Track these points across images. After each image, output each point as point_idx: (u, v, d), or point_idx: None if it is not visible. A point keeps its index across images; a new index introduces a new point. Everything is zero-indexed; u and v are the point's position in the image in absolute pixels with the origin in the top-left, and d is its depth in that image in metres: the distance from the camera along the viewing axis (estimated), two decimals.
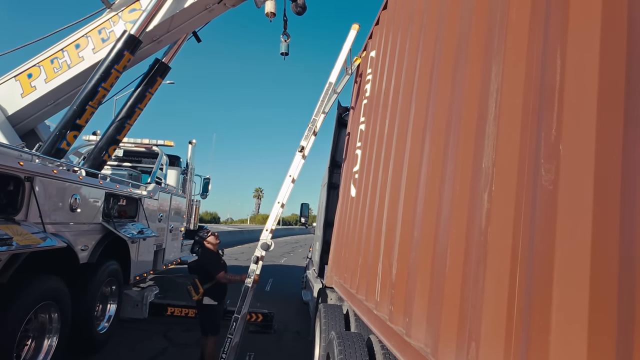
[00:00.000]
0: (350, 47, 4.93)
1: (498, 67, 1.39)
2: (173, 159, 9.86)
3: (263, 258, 4.77)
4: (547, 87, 1.10)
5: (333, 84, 4.92)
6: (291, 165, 4.87)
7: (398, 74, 2.98)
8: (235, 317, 4.48)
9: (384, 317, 2.49)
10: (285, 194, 4.84)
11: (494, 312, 1.36)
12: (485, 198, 1.40)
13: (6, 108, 5.53)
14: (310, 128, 4.86)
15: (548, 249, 1.08)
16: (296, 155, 4.86)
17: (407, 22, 2.93)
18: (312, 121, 4.88)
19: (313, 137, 5.10)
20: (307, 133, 4.87)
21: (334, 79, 4.92)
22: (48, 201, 4.22)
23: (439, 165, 1.91)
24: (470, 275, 1.53)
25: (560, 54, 1.05)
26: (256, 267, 4.65)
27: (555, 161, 1.05)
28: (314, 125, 4.87)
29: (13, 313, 3.73)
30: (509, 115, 1.31)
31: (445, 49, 2.00)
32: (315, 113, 4.92)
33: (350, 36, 4.96)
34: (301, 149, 4.83)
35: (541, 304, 1.10)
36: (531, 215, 1.18)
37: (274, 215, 4.87)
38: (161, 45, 6.27)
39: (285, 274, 13.70)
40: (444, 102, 1.93)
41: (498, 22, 1.43)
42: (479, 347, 1.43)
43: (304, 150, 4.87)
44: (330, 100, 5.21)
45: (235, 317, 4.48)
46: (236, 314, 4.49)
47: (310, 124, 4.89)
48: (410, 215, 2.23)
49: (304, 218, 9.71)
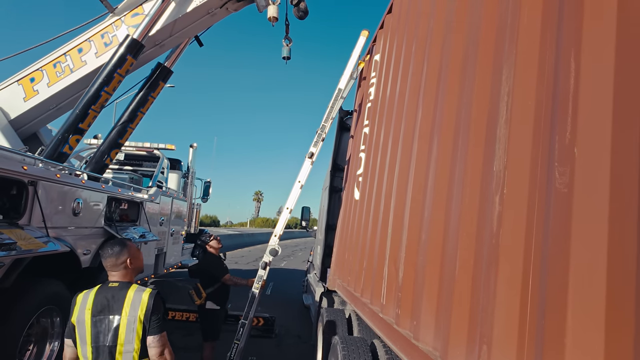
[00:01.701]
0: (360, 53, 4.89)
1: (509, 71, 1.40)
2: (174, 162, 9.86)
3: (270, 263, 4.76)
4: (561, 90, 1.11)
5: (343, 90, 4.86)
6: (300, 172, 4.81)
7: (404, 77, 3.00)
8: (242, 322, 4.46)
9: (390, 321, 2.49)
10: (294, 200, 4.81)
11: (506, 314, 1.36)
12: (496, 201, 1.40)
13: (8, 112, 5.52)
14: (319, 134, 4.82)
15: (563, 252, 1.08)
16: (305, 161, 4.80)
17: (413, 25, 2.95)
18: (322, 127, 4.84)
19: (321, 143, 5.08)
20: (317, 139, 4.82)
21: (344, 85, 4.84)
22: (51, 205, 4.21)
23: (447, 168, 1.91)
24: (481, 278, 1.53)
25: (575, 57, 1.06)
26: (264, 273, 4.63)
27: (570, 164, 1.06)
28: (323, 132, 4.84)
29: (16, 318, 3.72)
30: (521, 119, 1.32)
31: (453, 52, 2.01)
32: (324, 119, 4.86)
33: (360, 42, 4.89)
34: (311, 155, 4.79)
35: (556, 307, 1.11)
36: (545, 217, 1.18)
37: (282, 221, 4.86)
38: (164, 49, 6.29)
39: (286, 278, 13.67)
40: (452, 105, 1.94)
41: (509, 26, 1.45)
42: (490, 349, 1.43)
43: (314, 156, 4.85)
44: (336, 105, 5.21)
45: (242, 322, 4.46)
46: (243, 320, 4.47)
47: (319, 130, 4.85)
48: (417, 218, 2.23)
49: (305, 221, 9.71)
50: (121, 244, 2.34)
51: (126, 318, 2.13)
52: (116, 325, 2.13)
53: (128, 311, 2.14)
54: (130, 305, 2.16)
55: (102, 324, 2.13)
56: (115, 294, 2.19)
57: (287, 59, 6.44)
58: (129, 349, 2.12)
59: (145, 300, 2.17)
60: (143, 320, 2.14)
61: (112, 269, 2.28)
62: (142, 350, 2.14)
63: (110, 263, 2.28)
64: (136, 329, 2.13)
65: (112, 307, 2.15)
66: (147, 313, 2.15)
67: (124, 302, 2.16)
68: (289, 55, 6.43)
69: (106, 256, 2.29)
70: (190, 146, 10.49)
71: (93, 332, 2.13)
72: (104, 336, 2.12)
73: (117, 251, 2.28)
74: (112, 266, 2.28)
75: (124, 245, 2.33)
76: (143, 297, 2.19)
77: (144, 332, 2.15)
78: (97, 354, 2.12)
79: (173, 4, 5.64)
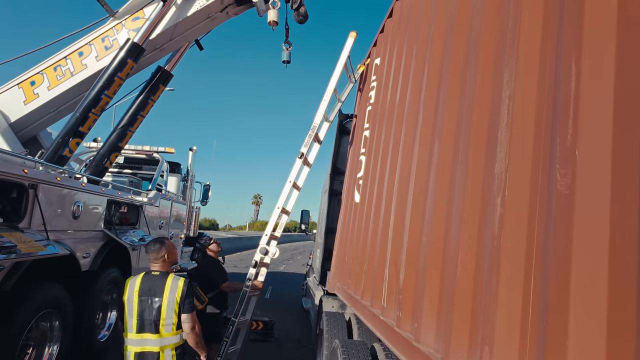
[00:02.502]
0: (348, 54, 4.94)
1: (510, 74, 1.42)
2: (173, 165, 9.87)
3: (268, 265, 4.74)
4: (562, 92, 1.12)
5: (332, 90, 4.92)
6: (291, 171, 4.84)
7: (405, 80, 3.02)
8: (232, 320, 4.43)
9: (391, 323, 2.49)
10: (286, 199, 4.79)
11: (508, 316, 1.37)
12: (498, 203, 1.41)
13: (9, 115, 5.53)
14: (310, 135, 4.84)
15: (565, 253, 1.09)
16: (296, 162, 4.84)
17: (413, 29, 2.98)
18: (312, 127, 4.87)
19: (317, 145, 5.07)
20: (307, 140, 4.84)
21: (333, 86, 4.90)
22: (51, 208, 4.21)
23: (448, 171, 1.92)
24: (482, 280, 1.54)
25: (575, 60, 1.07)
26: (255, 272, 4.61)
27: (572, 166, 1.07)
28: (314, 132, 4.85)
29: (15, 321, 3.70)
30: (522, 122, 1.33)
31: (454, 55, 2.03)
32: (315, 119, 4.90)
33: (348, 44, 4.97)
34: (301, 155, 4.80)
35: (558, 309, 1.11)
36: (546, 219, 1.19)
37: (273, 220, 4.83)
38: (164, 53, 6.31)
39: (285, 281, 13.64)
40: (453, 108, 1.95)
41: (510, 29, 1.46)
42: (492, 350, 1.43)
43: (305, 156, 4.84)
44: (334, 109, 5.23)
45: (232, 320, 4.43)
46: (233, 318, 4.45)
47: (310, 131, 4.88)
48: (418, 220, 2.24)
49: (304, 225, 9.70)
50: (161, 242, 3.02)
51: (166, 300, 2.80)
52: (158, 305, 2.80)
53: (167, 295, 2.81)
54: (169, 290, 2.82)
55: (146, 303, 2.81)
56: (157, 280, 2.87)
57: (287, 62, 6.47)
58: (169, 322, 2.81)
59: (180, 287, 2.85)
60: (179, 302, 2.82)
61: (154, 261, 2.96)
62: (178, 324, 2.84)
63: (152, 257, 2.97)
64: (174, 309, 2.81)
65: (155, 291, 2.82)
66: (182, 297, 2.83)
67: (164, 288, 2.83)
68: (289, 59, 6.46)
69: (149, 251, 2.98)
70: (189, 149, 10.51)
71: (139, 309, 2.81)
72: (149, 312, 2.80)
73: (158, 248, 2.96)
74: (154, 259, 2.96)
75: (162, 243, 3.01)
76: (179, 284, 2.86)
77: (179, 310, 2.82)
78: (141, 325, 2.80)
79: (174, 8, 5.67)
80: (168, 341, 2.83)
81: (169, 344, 2.83)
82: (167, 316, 2.80)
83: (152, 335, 2.80)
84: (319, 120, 4.87)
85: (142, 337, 2.81)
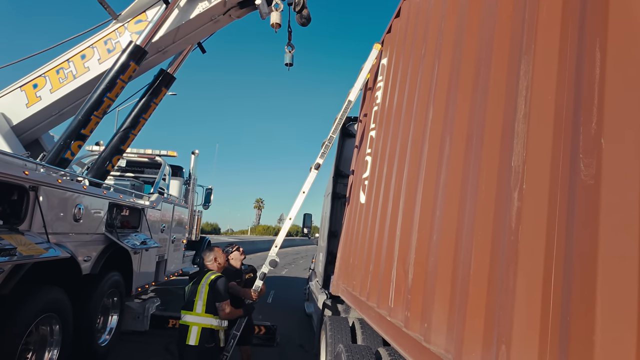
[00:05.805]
0: (371, 66, 4.75)
1: (528, 65, 1.39)
2: (176, 169, 9.84)
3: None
4: (585, 80, 1.09)
5: (353, 102, 4.77)
6: (305, 182, 4.72)
7: (413, 78, 2.99)
8: (233, 333, 4.37)
9: (399, 324, 2.44)
10: (297, 210, 4.75)
11: (527, 313, 1.32)
12: (515, 197, 1.37)
13: (11, 118, 5.51)
14: (326, 145, 4.74)
15: (591, 246, 1.05)
16: (311, 172, 4.71)
17: (422, 28, 2.95)
18: (330, 138, 4.79)
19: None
20: (324, 150, 4.73)
21: (354, 97, 4.75)
22: (52, 211, 4.17)
23: (460, 166, 1.89)
24: (498, 276, 1.49)
25: (600, 46, 1.04)
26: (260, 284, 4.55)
27: (597, 155, 1.03)
28: (330, 142, 4.79)
29: (15, 325, 3.65)
30: (541, 112, 1.29)
31: (466, 50, 2.00)
32: (332, 130, 4.79)
33: (372, 55, 4.72)
34: (317, 166, 4.69)
35: (584, 304, 1.07)
36: (568, 211, 1.15)
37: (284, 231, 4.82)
38: (166, 55, 6.31)
39: (287, 286, 13.55)
40: (465, 102, 1.92)
41: (527, 20, 1.43)
42: (510, 349, 1.38)
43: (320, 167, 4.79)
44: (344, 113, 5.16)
45: (233, 333, 4.37)
46: (235, 331, 4.39)
47: (327, 141, 4.79)
48: (428, 218, 2.20)
49: (307, 229, 9.64)
50: (211, 249, 4.15)
51: (201, 287, 3.82)
52: (196, 289, 3.84)
53: (202, 283, 3.84)
54: (204, 280, 3.85)
55: (193, 289, 3.87)
56: (203, 275, 3.91)
57: (290, 65, 6.46)
58: (200, 303, 3.79)
59: (211, 279, 3.84)
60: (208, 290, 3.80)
61: (207, 263, 4.04)
62: (207, 305, 3.78)
63: (205, 260, 4.07)
64: (205, 291, 3.80)
65: (199, 281, 3.87)
66: (211, 286, 3.82)
67: (202, 278, 3.87)
68: (292, 62, 6.45)
69: (204, 256, 4.11)
70: (192, 153, 10.47)
71: (188, 292, 3.93)
72: (191, 295, 3.85)
73: (208, 253, 4.08)
74: (206, 262, 4.05)
75: (212, 250, 4.14)
76: (211, 277, 3.86)
77: (208, 296, 3.78)
78: (187, 303, 3.86)
79: (176, 10, 5.67)
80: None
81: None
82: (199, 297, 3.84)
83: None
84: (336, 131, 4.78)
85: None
